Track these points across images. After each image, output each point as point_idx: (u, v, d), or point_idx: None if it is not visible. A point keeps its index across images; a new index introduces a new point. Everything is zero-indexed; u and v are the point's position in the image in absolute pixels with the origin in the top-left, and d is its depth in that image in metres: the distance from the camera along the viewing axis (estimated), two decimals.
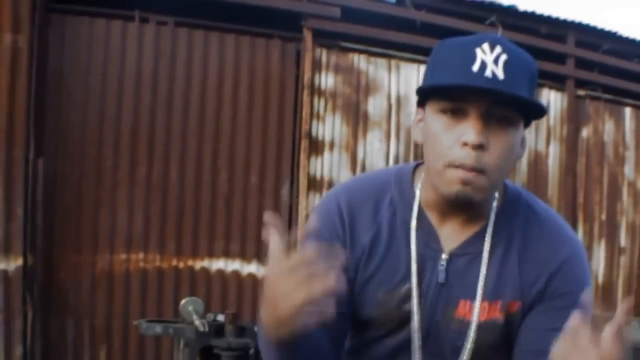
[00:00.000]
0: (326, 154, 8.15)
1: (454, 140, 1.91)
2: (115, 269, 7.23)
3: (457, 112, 1.92)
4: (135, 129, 7.34)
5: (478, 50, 1.90)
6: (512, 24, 8.87)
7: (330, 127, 8.20)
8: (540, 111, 2.00)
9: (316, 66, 8.04)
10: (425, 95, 2.02)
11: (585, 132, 9.60)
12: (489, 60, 1.88)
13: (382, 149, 8.43)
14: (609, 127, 9.76)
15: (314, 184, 8.04)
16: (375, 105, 8.38)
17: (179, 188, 7.39)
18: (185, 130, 7.49)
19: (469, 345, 2.07)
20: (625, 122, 9.89)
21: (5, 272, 6.48)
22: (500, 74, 1.87)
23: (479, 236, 2.08)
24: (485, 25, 8.75)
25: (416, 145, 8.42)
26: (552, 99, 9.32)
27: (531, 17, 9.04)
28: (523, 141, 2.05)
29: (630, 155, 9.90)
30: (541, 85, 9.14)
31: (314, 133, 8.06)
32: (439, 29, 8.23)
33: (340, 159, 8.21)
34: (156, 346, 7.24)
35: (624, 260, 9.77)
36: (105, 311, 7.21)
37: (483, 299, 2.06)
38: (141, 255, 7.28)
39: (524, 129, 2.03)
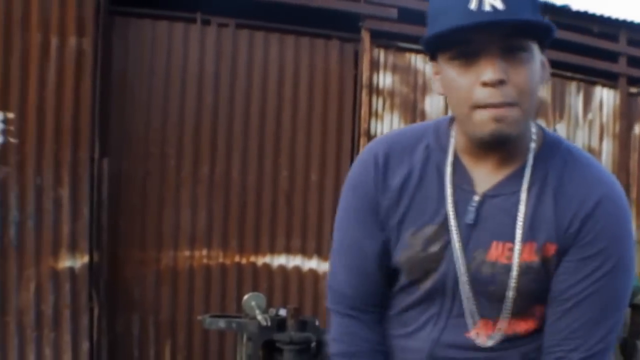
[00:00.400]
0: None
1: (472, 82, 1.73)
2: (179, 266, 6.97)
3: (468, 55, 1.73)
4: (198, 128, 7.05)
5: None
6: (565, 24, 8.32)
7: (388, 125, 7.78)
8: (549, 30, 1.74)
9: (374, 66, 7.68)
10: (433, 47, 1.81)
11: (637, 129, 9.19)
12: None
13: None
14: None
15: None
16: (432, 104, 7.99)
17: (241, 186, 7.10)
18: (246, 129, 7.18)
19: (510, 291, 1.84)
20: None
21: (72, 269, 6.23)
22: (499, 5, 1.68)
23: (515, 176, 1.86)
24: None
25: None
26: (605, 96, 8.91)
27: (584, 16, 8.59)
28: (543, 65, 1.83)
29: None
30: (594, 83, 8.86)
31: (372, 131, 7.64)
32: None
33: None
34: (220, 341, 6.97)
35: None
36: (169, 307, 6.97)
37: (522, 242, 1.83)
38: (204, 252, 7.02)
39: (542, 51, 1.81)
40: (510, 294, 1.84)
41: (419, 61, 7.95)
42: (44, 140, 6.20)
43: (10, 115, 6.12)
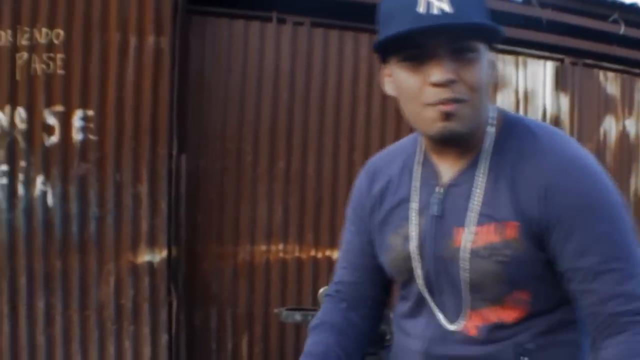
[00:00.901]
0: None
1: (422, 83, 1.65)
2: (256, 260, 6.67)
3: (418, 57, 1.64)
4: (274, 125, 6.76)
5: None
6: (634, 21, 8.04)
7: None
8: (496, 32, 1.64)
9: None
10: (384, 51, 1.73)
11: None
12: None
13: None
14: None
15: None
16: (503, 101, 7.53)
17: (316, 181, 6.82)
18: (322, 126, 6.85)
19: (466, 273, 1.73)
20: None
21: (151, 263, 5.97)
22: (447, 8, 1.59)
23: (474, 163, 1.76)
24: (608, 23, 7.98)
25: None
26: None
27: None
28: (492, 64, 1.74)
29: None
30: None
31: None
32: (564, 27, 7.75)
33: None
34: (296, 334, 6.68)
35: None
36: (246, 300, 6.69)
37: (477, 224, 1.72)
38: (281, 246, 6.74)
39: (490, 51, 1.73)
40: (468, 276, 1.74)
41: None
42: (123, 138, 5.96)
43: (90, 113, 5.89)
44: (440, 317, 1.84)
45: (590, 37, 7.81)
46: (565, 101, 7.84)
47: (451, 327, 1.82)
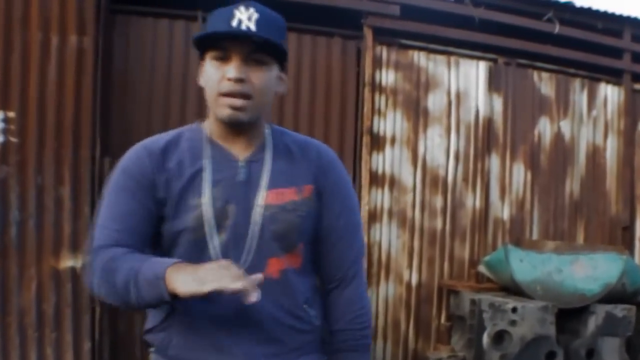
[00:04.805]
0: (387, 149, 7.62)
1: (221, 76, 2.32)
2: None
3: (224, 58, 2.33)
4: None
5: (236, 11, 2.32)
6: (569, 20, 8.37)
7: (391, 123, 7.66)
8: (281, 53, 2.39)
9: (377, 63, 7.56)
10: (202, 48, 2.40)
11: None
12: (244, 17, 2.30)
13: (443, 143, 7.93)
14: None
15: (376, 179, 7.55)
16: (435, 101, 7.86)
17: None
18: None
19: (272, 225, 2.41)
20: None
21: (73, 269, 6.11)
22: (253, 27, 2.30)
23: (261, 148, 2.50)
24: (543, 22, 8.27)
25: (476, 139, 8.16)
26: (609, 93, 8.84)
27: (588, 12, 8.48)
28: (281, 79, 2.50)
29: None
30: (598, 80, 8.78)
31: (375, 129, 7.52)
32: (497, 26, 8.05)
33: (402, 154, 7.68)
34: None
35: None
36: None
37: (277, 187, 2.45)
38: None
39: (281, 70, 2.48)
40: (273, 226, 2.40)
41: (421, 58, 7.87)
42: (45, 140, 6.11)
43: (11, 114, 6.04)
44: (249, 265, 2.34)
45: (524, 37, 8.12)
46: (498, 102, 8.14)
47: (259, 272, 2.24)
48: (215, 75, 2.33)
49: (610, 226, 8.80)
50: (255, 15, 2.31)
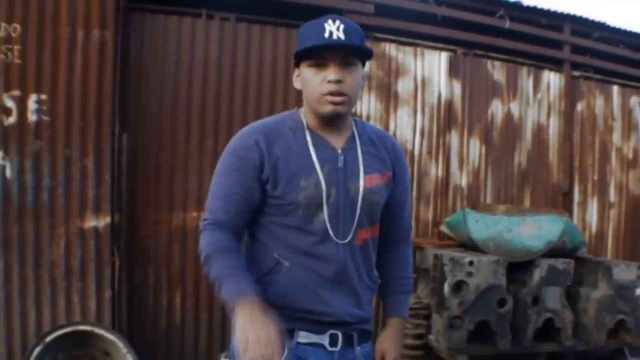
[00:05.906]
0: None
1: (322, 80, 2.57)
2: (188, 225, 7.04)
3: (320, 65, 2.58)
4: (204, 108, 7.15)
5: (326, 25, 2.54)
6: (517, 17, 8.63)
7: (366, 104, 7.98)
8: (369, 54, 2.65)
9: None
10: (299, 59, 2.64)
11: (579, 107, 9.39)
12: (334, 29, 2.53)
13: (410, 122, 8.23)
14: (599, 102, 9.54)
15: None
16: (404, 86, 8.17)
17: None
18: (245, 107, 7.28)
19: (364, 203, 2.72)
20: (613, 98, 9.68)
21: (96, 228, 6.34)
22: (342, 36, 2.53)
23: (352, 139, 2.77)
24: (496, 18, 8.54)
25: (438, 118, 8.36)
26: (552, 79, 9.10)
27: (533, 10, 8.75)
28: (364, 76, 2.73)
29: (617, 125, 9.71)
30: (542, 68, 9.00)
31: (353, 110, 7.56)
32: (457, 22, 8.31)
33: None
34: None
35: (613, 213, 9.64)
36: (180, 260, 7.06)
37: (367, 174, 2.74)
38: None
39: (363, 67, 2.68)
40: (365, 205, 2.73)
41: (392, 49, 8.07)
42: (72, 119, 6.29)
43: (44, 97, 6.20)
44: (342, 233, 2.70)
45: (479, 31, 8.37)
46: (457, 87, 8.38)
47: (348, 239, 2.70)
48: (316, 79, 2.59)
49: (553, 192, 9.01)
50: (342, 27, 2.54)
